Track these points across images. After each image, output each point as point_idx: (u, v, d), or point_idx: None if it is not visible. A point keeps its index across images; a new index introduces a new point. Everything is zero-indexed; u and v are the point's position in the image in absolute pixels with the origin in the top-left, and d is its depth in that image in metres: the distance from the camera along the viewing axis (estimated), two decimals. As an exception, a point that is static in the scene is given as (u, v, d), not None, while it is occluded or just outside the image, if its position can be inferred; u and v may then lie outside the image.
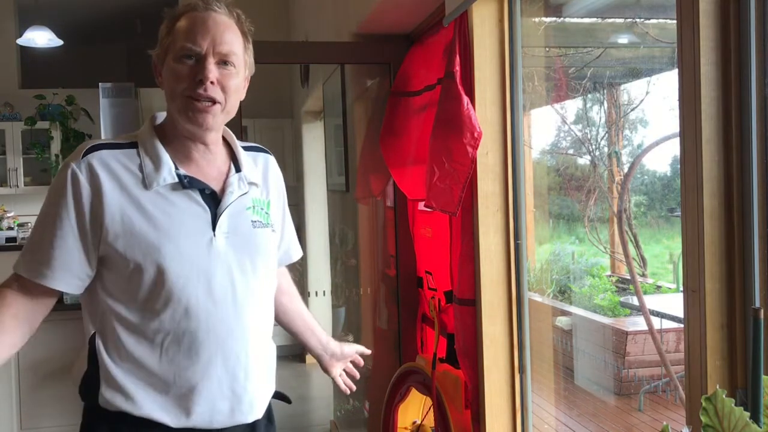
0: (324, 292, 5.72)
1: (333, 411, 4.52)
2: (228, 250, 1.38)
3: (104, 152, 1.36)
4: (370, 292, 3.56)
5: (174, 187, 1.37)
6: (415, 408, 2.86)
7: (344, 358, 1.81)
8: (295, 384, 5.56)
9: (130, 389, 1.34)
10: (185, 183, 1.37)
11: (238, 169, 1.46)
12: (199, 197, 1.38)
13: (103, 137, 5.40)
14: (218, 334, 1.36)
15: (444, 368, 2.49)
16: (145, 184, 1.35)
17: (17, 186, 6.06)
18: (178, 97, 1.36)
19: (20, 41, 5.73)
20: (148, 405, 1.34)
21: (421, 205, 2.77)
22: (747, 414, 0.92)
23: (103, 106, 5.40)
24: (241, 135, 3.05)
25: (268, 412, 1.53)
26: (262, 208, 1.48)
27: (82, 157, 1.34)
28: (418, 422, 2.83)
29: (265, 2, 6.14)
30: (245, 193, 1.45)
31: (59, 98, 6.02)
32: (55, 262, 1.34)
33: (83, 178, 1.32)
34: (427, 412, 2.75)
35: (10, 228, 5.51)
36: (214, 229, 1.37)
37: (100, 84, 5.46)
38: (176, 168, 1.38)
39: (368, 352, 1.86)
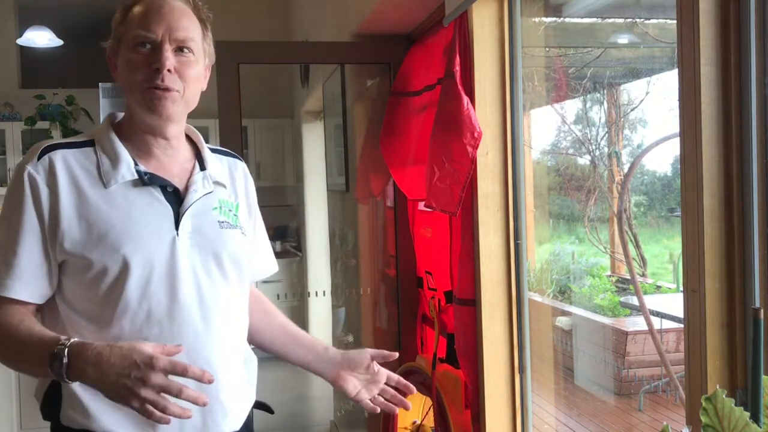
0: (324, 292, 5.72)
1: (333, 411, 4.52)
2: (192, 251, 1.31)
3: (60, 152, 1.29)
4: (370, 292, 3.56)
5: (134, 183, 1.30)
6: (415, 408, 2.86)
7: (353, 366, 1.57)
8: (295, 384, 5.56)
9: (89, 404, 1.24)
10: (145, 179, 1.30)
11: (202, 168, 1.39)
12: (160, 195, 1.31)
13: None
14: (184, 340, 1.26)
15: (444, 368, 2.49)
16: (103, 182, 1.28)
17: (17, 186, 6.06)
18: (136, 88, 1.29)
19: (20, 41, 5.73)
20: (109, 420, 1.24)
21: (421, 205, 2.77)
22: (747, 414, 0.92)
23: (103, 106, 5.40)
24: (241, 135, 3.05)
25: (248, 424, 1.43)
26: (229, 210, 1.40)
27: (38, 159, 1.27)
28: (418, 422, 2.83)
29: (265, 2, 6.14)
30: (210, 192, 1.37)
31: (59, 98, 6.02)
32: (20, 271, 1.25)
33: (40, 180, 1.26)
34: (427, 412, 2.75)
35: (10, 228, 5.50)
36: (177, 228, 1.30)
37: (100, 84, 5.45)
38: (135, 164, 1.31)
39: (390, 355, 1.58)
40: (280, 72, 6.12)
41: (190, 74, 1.32)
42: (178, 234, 1.30)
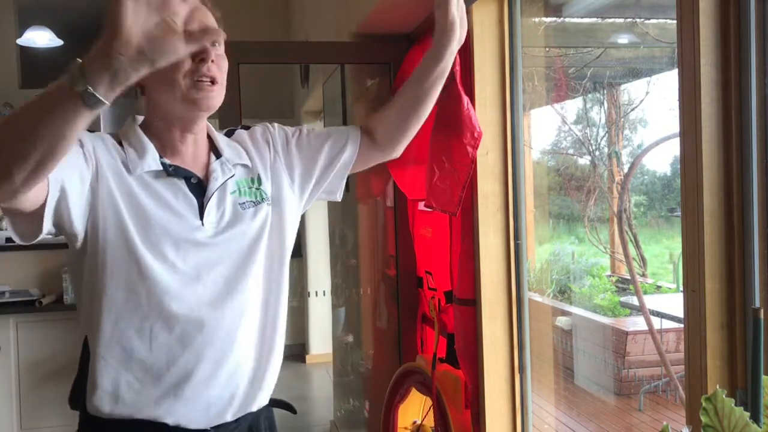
0: (324, 292, 5.73)
1: (333, 411, 4.52)
2: (216, 239, 1.34)
3: (90, 134, 1.30)
4: (370, 292, 3.56)
5: (158, 174, 1.32)
6: (415, 408, 2.86)
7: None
8: (295, 384, 5.56)
9: (113, 390, 1.29)
10: (170, 171, 1.33)
11: (218, 156, 1.41)
12: (185, 186, 1.34)
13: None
14: (208, 325, 1.31)
15: (444, 368, 2.49)
16: (128, 168, 1.30)
17: (17, 186, 6.06)
18: (181, 82, 1.28)
19: (20, 41, 5.73)
20: (133, 403, 1.30)
21: (421, 205, 2.77)
22: (747, 414, 0.92)
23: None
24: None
25: (270, 421, 1.48)
26: (249, 186, 1.42)
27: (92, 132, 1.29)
28: (418, 422, 2.83)
29: (265, 2, 6.14)
30: (231, 177, 1.40)
31: (59, 98, 6.02)
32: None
33: (98, 145, 1.28)
34: (427, 412, 2.75)
35: (10, 228, 5.50)
36: (201, 218, 1.33)
37: (100, 84, 5.45)
38: (161, 157, 1.34)
39: None
40: (280, 72, 6.12)
41: (224, 66, 1.35)
42: (203, 224, 1.33)
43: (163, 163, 1.33)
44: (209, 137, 1.45)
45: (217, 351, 1.33)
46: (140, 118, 1.41)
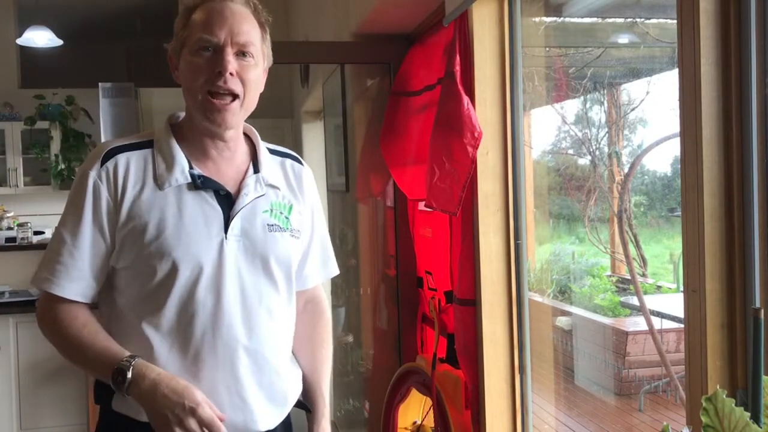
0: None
1: (333, 411, 4.52)
2: (239, 254, 1.33)
3: (122, 156, 1.33)
4: (370, 292, 3.55)
5: (188, 187, 1.33)
6: (415, 408, 2.86)
7: None
8: (295, 384, 5.55)
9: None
10: (198, 183, 1.33)
11: (256, 170, 1.41)
12: (212, 198, 1.34)
13: (103, 137, 5.40)
14: (226, 342, 1.32)
15: (444, 368, 2.49)
16: (158, 184, 1.32)
17: (17, 186, 6.05)
18: (197, 92, 1.32)
19: (20, 41, 5.72)
20: None
21: (421, 205, 2.77)
22: (747, 414, 0.92)
23: (102, 106, 5.39)
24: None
25: (285, 422, 1.48)
26: (281, 212, 1.41)
27: (102, 164, 1.31)
28: (418, 422, 2.83)
29: (265, 2, 6.13)
30: (262, 195, 1.39)
31: (59, 98, 6.02)
32: (77, 273, 1.31)
33: (103, 187, 1.31)
34: (427, 412, 2.75)
35: (9, 228, 5.50)
36: (226, 231, 1.33)
37: (100, 84, 5.44)
38: (190, 167, 1.34)
39: None
40: (280, 72, 6.12)
41: (251, 78, 1.35)
42: (226, 237, 1.33)
43: (192, 175, 1.33)
44: (254, 145, 1.45)
45: (230, 370, 1.34)
46: (180, 115, 1.42)
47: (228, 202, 1.35)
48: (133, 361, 1.24)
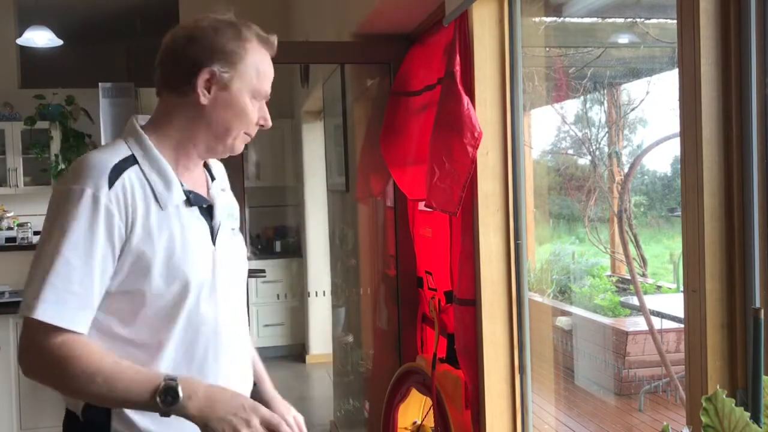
0: (324, 292, 5.72)
1: (333, 411, 4.52)
2: (224, 263, 1.37)
3: (124, 175, 1.26)
4: (370, 292, 3.55)
5: (183, 204, 1.32)
6: (415, 408, 2.86)
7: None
8: (295, 384, 5.56)
9: (138, 420, 1.28)
10: (191, 200, 1.33)
11: (212, 176, 1.44)
12: (198, 212, 1.35)
13: (103, 137, 5.39)
14: (225, 352, 1.36)
15: (444, 368, 2.49)
16: (160, 204, 1.29)
17: (17, 186, 6.06)
18: (234, 132, 1.35)
19: (20, 41, 5.72)
20: (150, 426, 1.30)
21: (421, 205, 2.77)
22: (747, 414, 0.92)
23: (102, 106, 5.39)
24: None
25: None
26: (233, 214, 1.45)
27: (110, 186, 1.24)
28: (418, 422, 2.83)
29: (265, 2, 6.14)
30: (224, 201, 1.42)
31: (59, 98, 6.02)
32: (88, 303, 1.23)
33: (116, 212, 1.24)
34: (427, 412, 2.75)
35: (9, 228, 5.51)
36: (214, 243, 1.35)
37: (100, 84, 5.44)
38: (181, 184, 1.33)
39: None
40: (280, 72, 6.10)
41: None
42: (215, 248, 1.35)
43: (185, 192, 1.33)
44: None
45: (233, 377, 1.38)
46: (140, 119, 1.38)
47: (209, 214, 1.37)
48: (177, 378, 1.21)
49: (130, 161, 1.29)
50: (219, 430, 1.20)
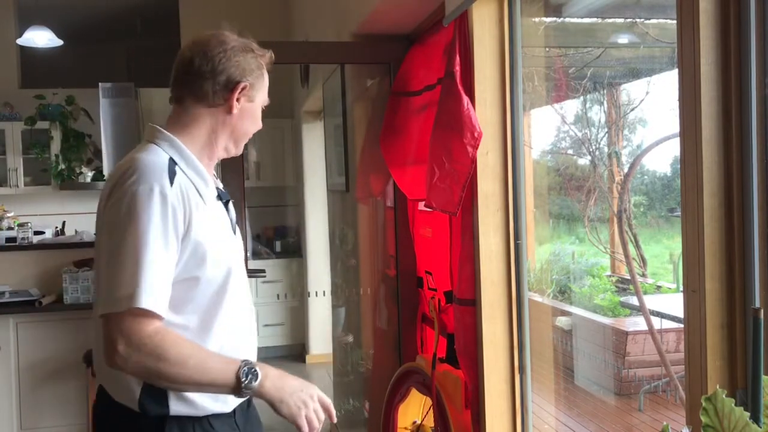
0: (324, 292, 5.72)
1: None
2: (240, 251, 1.55)
3: (177, 172, 1.41)
4: (370, 292, 3.55)
5: (215, 199, 1.49)
6: (415, 408, 2.86)
7: None
8: (295, 384, 5.55)
9: (193, 397, 1.42)
10: (221, 195, 1.51)
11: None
12: (222, 206, 1.52)
13: (103, 137, 5.39)
14: (252, 324, 1.56)
15: (444, 368, 2.49)
16: (204, 199, 1.44)
17: (17, 186, 6.05)
18: (247, 135, 1.54)
19: (20, 41, 5.72)
20: (206, 406, 1.44)
21: (421, 205, 2.77)
22: (747, 414, 0.92)
23: (103, 106, 5.40)
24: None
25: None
26: (231, 206, 1.62)
27: (171, 183, 1.36)
28: (418, 422, 2.83)
29: (265, 2, 6.14)
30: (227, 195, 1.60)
31: (59, 98, 6.02)
32: (168, 291, 1.37)
33: (179, 206, 1.36)
34: (427, 412, 2.75)
35: (10, 228, 5.50)
36: (234, 233, 1.54)
37: (100, 84, 5.45)
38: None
39: None
40: (280, 72, 6.11)
41: None
42: (234, 238, 1.54)
43: (217, 188, 1.51)
44: None
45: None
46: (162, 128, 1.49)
47: (225, 206, 1.55)
48: (252, 362, 1.38)
49: (173, 163, 1.42)
50: (292, 404, 1.41)
